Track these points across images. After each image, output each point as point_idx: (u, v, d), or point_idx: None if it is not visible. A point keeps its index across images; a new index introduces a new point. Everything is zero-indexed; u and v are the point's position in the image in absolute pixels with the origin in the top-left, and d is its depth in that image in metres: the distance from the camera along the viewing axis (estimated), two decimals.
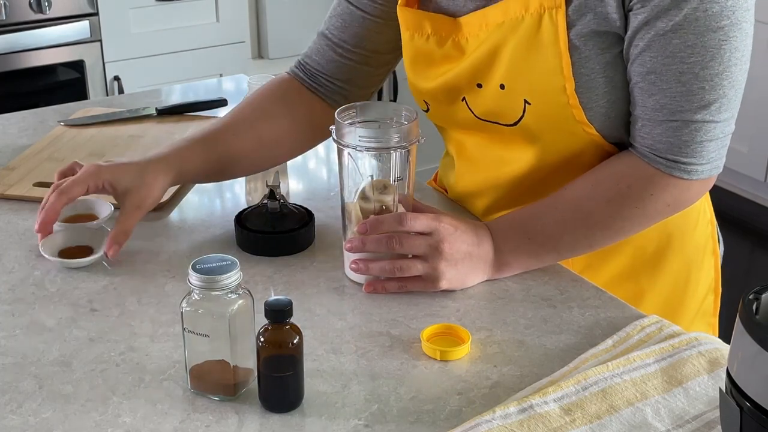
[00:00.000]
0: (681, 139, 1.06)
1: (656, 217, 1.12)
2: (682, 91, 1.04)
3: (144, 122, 1.63)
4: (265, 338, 0.88)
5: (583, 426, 0.87)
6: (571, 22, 1.05)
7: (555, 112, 1.10)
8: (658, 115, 1.06)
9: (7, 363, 0.98)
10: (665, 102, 1.05)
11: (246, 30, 3.02)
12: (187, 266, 0.90)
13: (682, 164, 1.07)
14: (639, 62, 1.05)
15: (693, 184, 1.09)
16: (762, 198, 3.46)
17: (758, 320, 0.74)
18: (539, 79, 1.08)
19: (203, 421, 0.89)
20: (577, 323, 1.05)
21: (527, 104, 1.10)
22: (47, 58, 2.77)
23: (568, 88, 1.07)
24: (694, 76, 1.03)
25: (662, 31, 1.02)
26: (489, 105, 1.15)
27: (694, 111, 1.04)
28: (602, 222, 1.11)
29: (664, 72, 1.04)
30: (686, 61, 1.02)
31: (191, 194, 1.38)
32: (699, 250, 1.28)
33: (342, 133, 1.08)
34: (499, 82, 1.12)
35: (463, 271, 1.10)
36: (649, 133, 1.08)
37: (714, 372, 0.94)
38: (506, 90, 1.11)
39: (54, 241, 1.19)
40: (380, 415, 0.90)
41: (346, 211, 1.12)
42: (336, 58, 1.29)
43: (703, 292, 1.30)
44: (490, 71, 1.12)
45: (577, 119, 1.09)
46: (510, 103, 1.12)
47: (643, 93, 1.07)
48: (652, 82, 1.05)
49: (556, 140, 1.14)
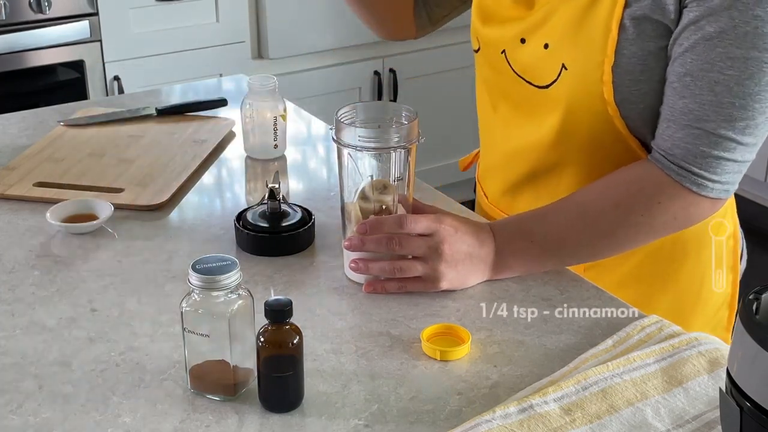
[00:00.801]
0: (698, 149, 1.05)
1: (662, 230, 1.12)
2: (711, 101, 1.03)
3: (144, 122, 1.63)
4: (265, 338, 0.88)
5: (583, 426, 0.87)
6: (629, 1, 1.06)
7: (587, 84, 1.10)
8: (683, 119, 1.06)
9: (7, 363, 0.98)
10: (693, 107, 1.04)
11: (246, 30, 3.02)
12: (187, 266, 0.90)
13: (693, 175, 1.06)
14: (679, 62, 1.05)
15: (702, 201, 1.08)
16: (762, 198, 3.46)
17: (758, 320, 0.74)
18: (582, 47, 1.09)
19: (203, 421, 0.89)
20: (577, 323, 1.05)
21: (564, 69, 1.11)
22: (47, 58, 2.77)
23: (606, 64, 1.08)
24: (727, 89, 1.02)
25: (708, 35, 1.01)
26: (528, 61, 1.16)
27: (719, 124, 1.04)
28: (607, 229, 1.11)
29: (699, 77, 1.03)
30: (724, 72, 1.02)
31: (191, 194, 1.38)
32: (715, 263, 1.27)
33: (342, 133, 1.08)
34: (545, 42, 1.13)
35: (464, 272, 1.10)
36: (671, 135, 1.07)
37: (714, 372, 0.94)
38: (549, 50, 1.12)
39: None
40: (380, 415, 0.90)
41: (345, 211, 1.12)
42: None
43: (716, 306, 1.29)
44: (539, 29, 1.13)
45: (606, 98, 1.09)
46: (549, 64, 1.13)
47: (674, 94, 1.06)
48: (686, 84, 1.05)
49: (580, 117, 1.13)
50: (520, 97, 1.20)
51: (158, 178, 1.40)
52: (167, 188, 1.36)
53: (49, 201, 1.31)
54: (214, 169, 1.48)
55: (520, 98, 1.20)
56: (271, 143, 1.48)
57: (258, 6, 3.05)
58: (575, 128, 1.15)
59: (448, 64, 3.29)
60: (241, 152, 1.52)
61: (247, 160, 1.51)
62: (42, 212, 1.27)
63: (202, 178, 1.44)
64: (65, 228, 1.24)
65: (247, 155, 1.51)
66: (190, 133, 1.58)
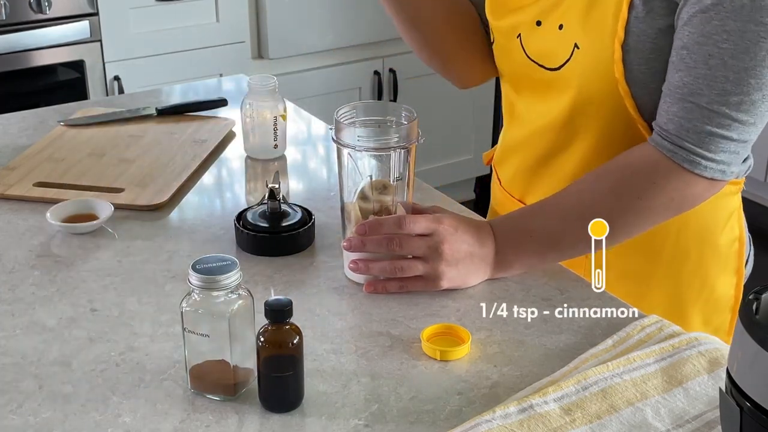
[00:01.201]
0: (691, 123, 1.05)
1: (661, 212, 1.10)
2: (705, 74, 1.03)
3: (144, 122, 1.63)
4: (265, 338, 0.88)
5: (583, 426, 0.87)
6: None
7: (598, 63, 1.10)
8: (678, 92, 1.05)
9: (7, 363, 0.98)
10: (687, 81, 1.04)
11: (246, 30, 3.02)
12: (187, 266, 0.90)
13: (685, 151, 1.06)
14: (678, 35, 1.05)
15: (697, 180, 1.07)
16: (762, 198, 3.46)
17: (758, 320, 0.74)
18: (594, 26, 1.09)
19: (203, 421, 0.89)
20: (577, 323, 1.05)
21: (576, 48, 1.11)
22: (47, 58, 2.77)
23: (616, 43, 1.08)
24: (722, 62, 1.02)
25: (705, 8, 1.01)
26: (542, 44, 1.16)
27: (712, 98, 1.03)
28: (605, 216, 1.09)
29: (695, 50, 1.03)
30: (719, 46, 1.01)
31: (191, 194, 1.38)
32: (718, 265, 1.26)
33: (341, 133, 1.08)
34: (559, 22, 1.13)
35: (464, 271, 1.10)
36: (666, 110, 1.07)
37: (714, 372, 0.94)
38: (563, 31, 1.13)
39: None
40: (380, 415, 0.90)
41: (345, 211, 1.12)
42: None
43: (717, 309, 1.28)
44: (554, 10, 1.14)
45: (616, 76, 1.10)
46: (562, 45, 1.13)
47: (672, 67, 1.06)
48: (682, 57, 1.04)
49: (591, 97, 1.13)
50: (534, 82, 1.21)
51: (158, 178, 1.40)
52: (167, 188, 1.36)
53: (49, 201, 1.31)
54: (214, 169, 1.48)
55: (534, 83, 1.21)
56: (271, 143, 1.48)
57: (258, 6, 3.05)
58: (587, 109, 1.15)
59: None
60: (241, 152, 1.52)
61: (247, 160, 1.51)
62: (42, 212, 1.27)
63: (202, 178, 1.44)
64: (65, 228, 1.24)
65: (247, 155, 1.51)
66: (190, 133, 1.58)
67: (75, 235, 1.24)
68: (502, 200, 1.34)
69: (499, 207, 1.36)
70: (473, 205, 1.37)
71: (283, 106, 1.49)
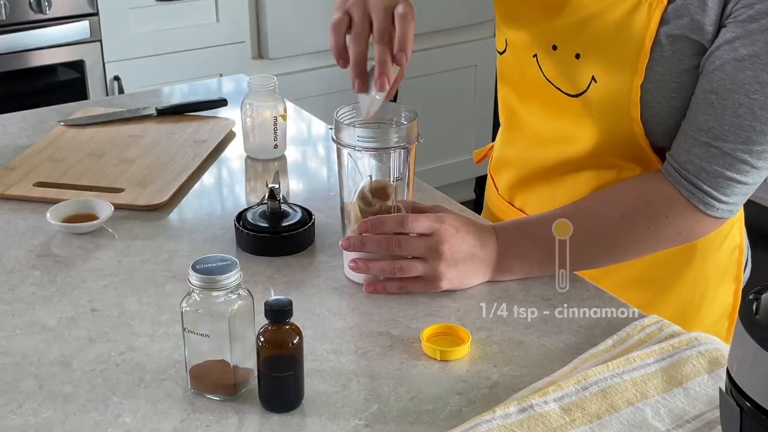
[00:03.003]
0: (712, 167, 1.05)
1: (666, 243, 1.12)
2: (733, 122, 1.03)
3: (144, 122, 1.63)
4: (265, 338, 0.88)
5: (583, 426, 0.87)
6: (666, 19, 1.05)
7: (615, 99, 1.09)
8: (702, 135, 1.05)
9: (7, 363, 0.98)
10: (713, 126, 1.04)
11: (246, 30, 3.02)
12: (187, 266, 0.90)
13: (702, 193, 1.06)
14: (707, 78, 1.04)
15: (706, 219, 1.09)
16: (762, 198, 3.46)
17: (758, 320, 0.74)
18: (614, 62, 1.08)
19: (203, 421, 0.89)
20: (577, 323, 1.05)
21: (593, 81, 1.11)
22: (47, 58, 2.77)
23: (635, 81, 1.07)
24: (751, 112, 1.02)
25: (741, 57, 1.01)
26: (558, 69, 1.15)
27: (737, 145, 1.04)
28: (611, 238, 1.11)
29: (725, 97, 1.03)
30: (750, 96, 1.01)
31: (191, 194, 1.38)
32: (719, 273, 1.26)
33: (341, 133, 1.08)
34: (577, 51, 1.12)
35: (464, 272, 1.10)
36: (687, 150, 1.07)
37: (714, 372, 0.94)
38: (580, 60, 1.12)
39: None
40: (380, 415, 0.90)
41: (345, 211, 1.12)
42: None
43: (716, 316, 1.28)
44: (571, 37, 1.12)
45: (632, 114, 1.09)
46: (579, 75, 1.12)
47: (698, 108, 1.06)
48: (710, 101, 1.04)
49: (606, 128, 1.13)
50: (547, 102, 1.20)
51: (158, 178, 1.40)
52: (167, 188, 1.36)
53: (49, 201, 1.31)
54: (214, 169, 1.48)
55: (547, 103, 1.20)
56: (271, 143, 1.48)
57: (258, 6, 3.05)
58: (599, 136, 1.15)
59: (448, 64, 3.29)
60: (241, 152, 1.52)
61: (247, 160, 1.51)
62: (42, 212, 1.27)
63: (202, 178, 1.44)
64: (65, 228, 1.24)
65: (247, 155, 1.51)
66: (190, 133, 1.58)
67: (75, 235, 1.24)
68: (499, 206, 1.34)
69: (498, 211, 1.35)
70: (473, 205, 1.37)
71: (283, 106, 1.49)
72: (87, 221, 1.24)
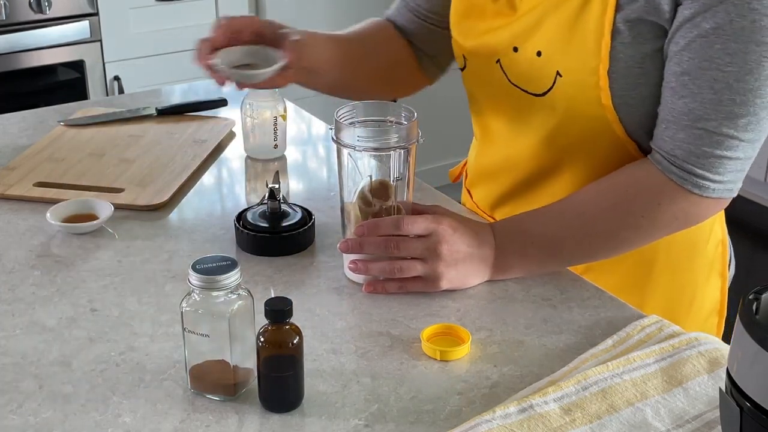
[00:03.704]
0: (700, 149, 1.04)
1: (663, 229, 1.11)
2: (712, 99, 1.02)
3: (144, 122, 1.63)
4: (265, 338, 0.88)
5: (583, 426, 0.87)
6: (621, 4, 1.04)
7: (583, 90, 1.09)
8: (684, 119, 1.04)
9: (7, 363, 0.98)
10: (693, 106, 1.03)
11: None
12: (187, 266, 0.90)
13: (695, 176, 1.05)
14: (676, 60, 1.03)
15: (704, 201, 1.08)
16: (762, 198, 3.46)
17: (758, 320, 0.74)
18: (576, 54, 1.08)
19: (203, 421, 0.89)
20: (577, 323, 1.05)
21: (559, 76, 1.10)
22: (47, 58, 2.77)
23: (601, 70, 1.06)
24: (727, 86, 1.01)
25: (704, 32, 1.00)
26: (522, 70, 1.15)
27: (720, 122, 1.02)
28: (607, 231, 1.10)
29: (698, 75, 1.02)
30: (723, 69, 1.00)
31: (191, 194, 1.38)
32: (705, 270, 1.26)
33: (341, 133, 1.08)
34: (537, 49, 1.11)
35: (464, 272, 1.10)
36: (672, 136, 1.06)
37: (714, 372, 0.94)
38: (542, 58, 1.11)
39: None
40: (380, 415, 0.90)
41: (345, 211, 1.12)
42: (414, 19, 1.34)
43: (705, 313, 1.28)
44: (531, 36, 1.12)
45: (603, 102, 1.08)
46: (543, 72, 1.12)
47: (673, 94, 1.05)
48: (684, 83, 1.03)
49: (577, 123, 1.13)
50: (516, 106, 1.19)
51: (158, 178, 1.40)
52: (167, 188, 1.36)
53: (49, 201, 1.31)
54: (214, 169, 1.48)
55: (516, 107, 1.20)
56: (271, 143, 1.48)
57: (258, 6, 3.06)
58: (572, 134, 1.14)
59: None
60: (241, 152, 1.52)
61: (247, 160, 1.51)
62: (42, 212, 1.27)
63: (202, 178, 1.44)
64: (65, 228, 1.24)
65: (247, 155, 1.51)
66: (190, 133, 1.58)
67: (75, 235, 1.24)
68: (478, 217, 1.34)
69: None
70: None
71: (283, 106, 1.49)
72: (87, 221, 1.24)
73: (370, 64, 1.35)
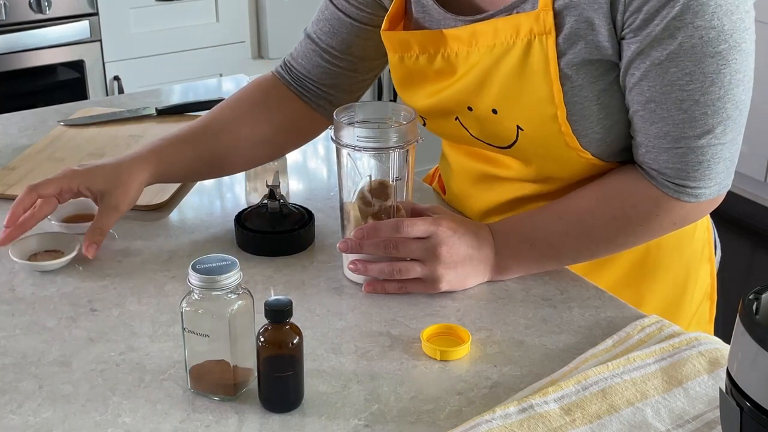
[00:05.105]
0: (688, 165, 1.04)
1: (661, 233, 1.12)
2: (684, 118, 1.02)
3: (144, 122, 1.63)
4: (265, 338, 0.88)
5: (583, 426, 0.87)
6: (561, 50, 1.03)
7: (548, 138, 1.08)
8: (662, 142, 1.04)
9: (7, 363, 0.98)
10: (668, 129, 1.03)
11: (246, 30, 3.02)
12: (187, 266, 0.90)
13: (690, 188, 1.06)
14: (637, 91, 1.03)
15: (701, 204, 1.08)
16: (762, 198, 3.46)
17: (758, 320, 0.74)
18: (530, 106, 1.07)
19: (203, 421, 0.89)
20: (577, 323, 1.05)
21: (520, 130, 1.09)
22: (47, 58, 2.77)
23: (560, 116, 1.05)
24: (694, 102, 1.01)
25: (658, 60, 1.00)
26: (482, 128, 1.14)
27: (699, 136, 1.03)
28: (606, 237, 1.11)
29: (663, 100, 1.02)
30: (685, 89, 1.00)
31: (191, 194, 1.38)
32: (696, 257, 1.27)
33: (341, 133, 1.08)
34: (491, 107, 1.10)
35: (463, 273, 1.10)
36: (655, 159, 1.06)
37: (714, 372, 0.94)
38: (499, 115, 1.10)
39: (24, 245, 1.18)
40: (380, 415, 0.90)
41: (344, 211, 1.12)
42: (323, 64, 1.27)
43: (698, 299, 1.29)
44: (480, 95, 1.10)
45: (570, 146, 1.08)
46: (503, 128, 1.11)
47: (644, 121, 1.05)
48: (652, 110, 1.03)
49: (550, 164, 1.13)
50: (485, 155, 1.20)
51: None
52: (167, 188, 1.36)
53: None
54: None
55: (487, 153, 1.20)
56: None
57: (258, 6, 3.06)
58: (548, 169, 1.15)
59: None
60: None
61: None
62: None
63: None
64: (65, 228, 1.24)
65: None
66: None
67: (75, 235, 1.24)
68: None
69: None
70: None
71: None
72: (87, 221, 1.24)
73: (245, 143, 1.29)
